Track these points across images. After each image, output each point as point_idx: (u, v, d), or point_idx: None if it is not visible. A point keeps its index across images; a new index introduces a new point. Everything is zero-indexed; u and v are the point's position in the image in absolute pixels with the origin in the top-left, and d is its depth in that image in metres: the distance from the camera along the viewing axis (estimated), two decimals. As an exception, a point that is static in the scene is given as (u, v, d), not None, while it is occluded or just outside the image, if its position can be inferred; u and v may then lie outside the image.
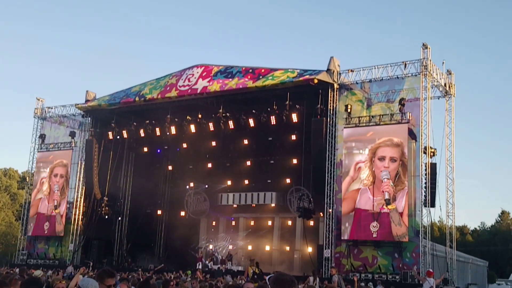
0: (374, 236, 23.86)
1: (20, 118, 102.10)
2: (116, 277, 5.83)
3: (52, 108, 35.80)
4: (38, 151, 35.46)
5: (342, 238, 24.76)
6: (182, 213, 36.41)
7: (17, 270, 16.40)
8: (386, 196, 23.66)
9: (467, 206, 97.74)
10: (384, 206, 23.69)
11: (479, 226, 71.50)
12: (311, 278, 20.45)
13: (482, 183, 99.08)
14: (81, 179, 33.00)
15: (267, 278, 4.41)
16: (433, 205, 24.10)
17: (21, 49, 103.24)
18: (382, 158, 24.42)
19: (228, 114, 28.89)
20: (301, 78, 26.18)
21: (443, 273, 23.01)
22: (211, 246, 34.79)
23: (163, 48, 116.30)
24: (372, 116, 25.21)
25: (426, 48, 24.63)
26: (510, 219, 66.55)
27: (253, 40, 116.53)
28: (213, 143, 33.42)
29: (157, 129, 31.00)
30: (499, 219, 67.77)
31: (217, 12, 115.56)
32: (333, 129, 25.84)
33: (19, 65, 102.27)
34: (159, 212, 37.08)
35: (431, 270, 20.37)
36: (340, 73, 26.43)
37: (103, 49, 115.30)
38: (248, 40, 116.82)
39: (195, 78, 29.62)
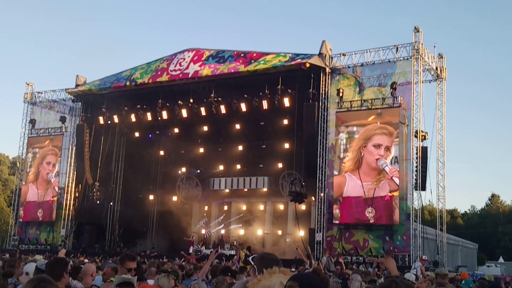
0: (371, 221, 24.04)
1: (10, 103, 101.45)
2: (137, 261, 5.90)
3: (42, 93, 35.53)
4: (28, 136, 35.25)
5: (334, 222, 24.95)
6: (174, 198, 36.41)
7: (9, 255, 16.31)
8: (398, 182, 23.71)
9: (458, 189, 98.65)
10: (392, 193, 23.74)
11: (469, 209, 72.14)
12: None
13: (472, 167, 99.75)
14: (72, 164, 32.91)
15: (250, 258, 4.39)
16: (424, 188, 24.27)
17: (10, 34, 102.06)
18: (377, 146, 24.48)
19: (220, 98, 28.79)
20: (293, 62, 26.09)
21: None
22: (203, 231, 34.86)
23: (154, 32, 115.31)
24: (364, 100, 25.24)
25: (418, 31, 24.60)
26: (499, 202, 67.07)
27: (244, 24, 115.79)
28: (205, 128, 33.27)
29: (149, 114, 30.87)
30: (489, 202, 68.28)
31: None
32: (325, 114, 25.84)
33: (8, 49, 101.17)
34: (151, 197, 37.00)
35: (424, 257, 19.98)
36: (332, 57, 26.38)
37: (93, 34, 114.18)
38: (239, 24, 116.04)
39: (186, 62, 29.42)
